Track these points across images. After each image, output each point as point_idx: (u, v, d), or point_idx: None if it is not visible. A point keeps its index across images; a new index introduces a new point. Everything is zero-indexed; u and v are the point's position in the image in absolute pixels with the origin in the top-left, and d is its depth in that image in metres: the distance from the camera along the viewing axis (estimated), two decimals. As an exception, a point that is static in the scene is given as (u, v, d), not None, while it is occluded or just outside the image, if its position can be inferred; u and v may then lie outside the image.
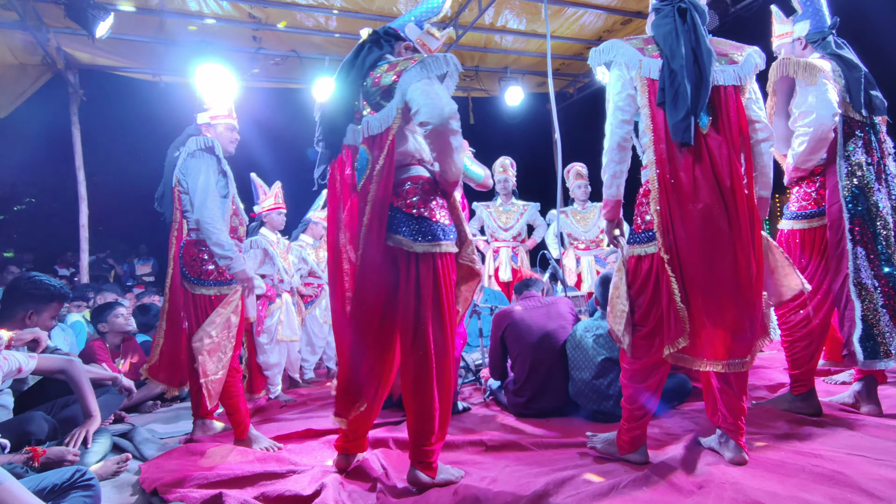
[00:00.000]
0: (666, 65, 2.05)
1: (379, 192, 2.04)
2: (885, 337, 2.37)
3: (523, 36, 7.02)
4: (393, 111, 2.04)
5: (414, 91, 1.98)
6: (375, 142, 2.08)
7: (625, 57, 2.13)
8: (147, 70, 6.53)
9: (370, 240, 2.04)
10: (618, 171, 2.12)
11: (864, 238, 2.43)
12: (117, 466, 2.45)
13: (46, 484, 1.64)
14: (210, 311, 2.80)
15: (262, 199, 4.25)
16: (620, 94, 2.11)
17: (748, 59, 2.15)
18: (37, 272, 2.59)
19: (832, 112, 2.40)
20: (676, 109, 2.00)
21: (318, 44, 6.59)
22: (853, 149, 2.48)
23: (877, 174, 2.49)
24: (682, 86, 2.00)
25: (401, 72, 2.04)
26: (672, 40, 2.06)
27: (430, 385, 2.04)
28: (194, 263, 2.83)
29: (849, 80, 2.50)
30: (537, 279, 3.51)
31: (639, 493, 1.85)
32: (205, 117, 3.01)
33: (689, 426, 2.54)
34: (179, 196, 2.87)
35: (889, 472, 1.85)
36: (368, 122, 2.11)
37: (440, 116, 1.93)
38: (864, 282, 2.41)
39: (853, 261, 2.42)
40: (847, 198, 2.46)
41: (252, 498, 1.96)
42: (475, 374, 3.99)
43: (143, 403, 4.00)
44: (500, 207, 5.80)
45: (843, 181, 2.47)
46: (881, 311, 2.39)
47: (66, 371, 2.43)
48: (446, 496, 1.94)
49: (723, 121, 2.07)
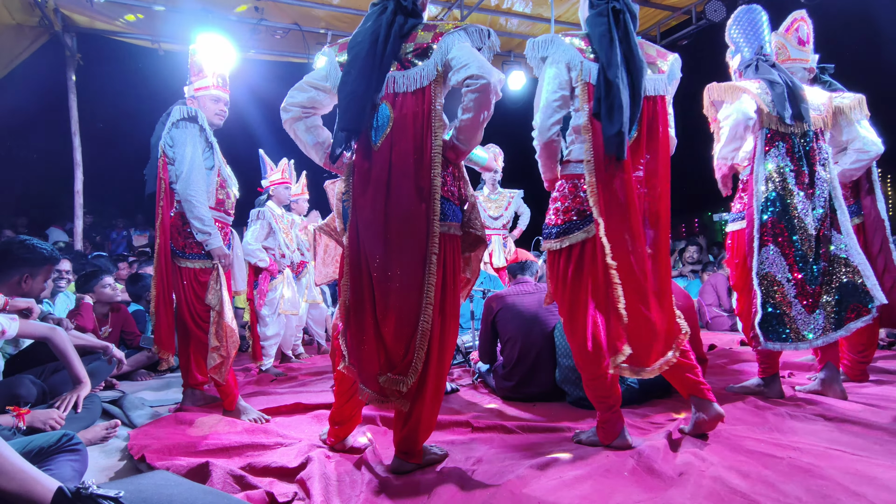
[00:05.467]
0: (601, 73, 2.06)
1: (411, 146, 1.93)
2: (795, 323, 2.66)
3: (528, 19, 6.95)
4: (433, 69, 1.94)
5: (460, 50, 1.91)
6: (405, 99, 1.97)
7: (566, 57, 2.12)
8: (146, 36, 6.44)
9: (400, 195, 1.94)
10: (549, 163, 2.22)
11: (778, 238, 2.68)
12: (106, 432, 2.48)
13: (33, 447, 1.65)
14: (195, 284, 2.82)
15: (269, 174, 4.38)
16: (555, 94, 2.11)
17: (672, 70, 2.24)
18: (28, 236, 2.57)
19: (746, 116, 2.66)
20: (612, 123, 2.01)
21: (320, 17, 6.50)
22: (773, 156, 2.72)
23: (798, 179, 2.70)
24: (617, 98, 2.01)
25: (441, 33, 1.98)
26: (606, 45, 2.06)
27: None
28: (179, 237, 2.83)
29: (773, 95, 2.72)
30: (532, 262, 3.53)
31: (619, 479, 1.88)
32: (190, 90, 2.99)
33: (673, 416, 2.58)
34: (166, 166, 2.83)
35: (865, 466, 1.88)
36: (395, 78, 1.98)
37: (491, 74, 1.86)
38: (776, 275, 2.66)
39: (757, 256, 2.69)
40: (761, 203, 2.71)
41: (238, 468, 1.98)
42: (465, 357, 4.02)
43: (135, 372, 4.03)
44: (489, 197, 5.90)
45: (760, 186, 2.72)
46: (793, 301, 2.66)
47: (50, 339, 2.44)
48: (431, 475, 1.96)
49: (651, 132, 2.13)
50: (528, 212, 5.96)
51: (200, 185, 2.74)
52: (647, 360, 2.04)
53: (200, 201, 2.74)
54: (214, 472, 1.93)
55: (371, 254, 1.97)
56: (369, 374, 1.96)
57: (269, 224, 4.19)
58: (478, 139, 2.02)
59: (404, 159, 1.94)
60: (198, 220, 2.73)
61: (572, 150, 2.19)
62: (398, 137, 1.96)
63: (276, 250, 4.25)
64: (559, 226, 2.17)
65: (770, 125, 2.72)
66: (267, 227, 4.19)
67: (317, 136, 2.13)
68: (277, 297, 4.20)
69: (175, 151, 2.77)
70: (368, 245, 1.98)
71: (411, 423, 1.97)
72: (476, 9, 6.40)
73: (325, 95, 2.12)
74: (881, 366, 3.44)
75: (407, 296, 1.92)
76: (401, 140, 1.95)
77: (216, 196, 2.91)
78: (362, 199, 2.00)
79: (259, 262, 4.10)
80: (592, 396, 2.21)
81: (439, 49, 1.95)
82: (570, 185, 2.17)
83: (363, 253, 2.00)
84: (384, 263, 1.95)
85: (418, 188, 1.93)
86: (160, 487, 1.21)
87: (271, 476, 2.00)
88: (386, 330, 1.94)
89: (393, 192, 1.94)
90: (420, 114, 1.95)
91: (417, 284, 1.92)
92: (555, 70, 2.12)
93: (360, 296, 2.00)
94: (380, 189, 1.96)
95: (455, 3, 6.36)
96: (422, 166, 1.93)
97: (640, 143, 2.13)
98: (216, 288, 2.82)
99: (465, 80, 1.88)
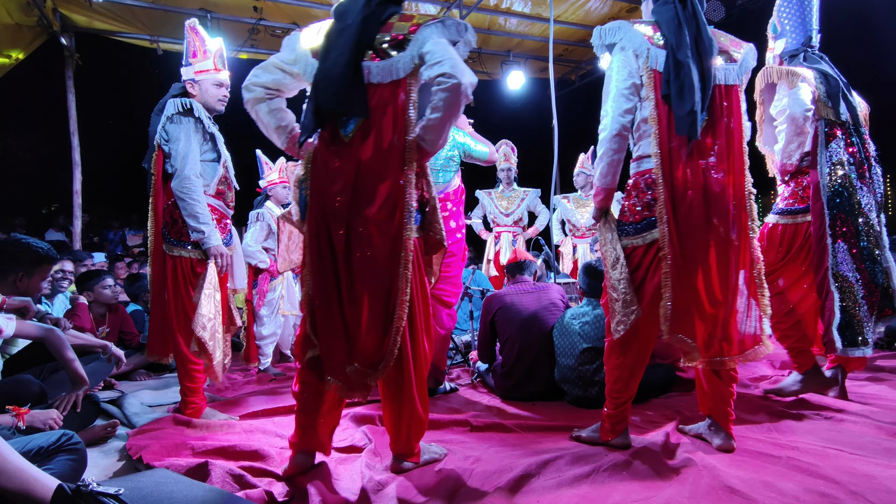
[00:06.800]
0: (671, 55, 2.01)
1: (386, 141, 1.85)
2: (862, 326, 2.50)
3: (527, 19, 6.95)
4: (409, 62, 1.86)
5: (436, 45, 1.83)
6: (381, 91, 1.88)
7: (634, 44, 2.06)
8: (145, 36, 6.43)
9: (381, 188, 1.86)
10: (615, 159, 2.09)
11: (846, 233, 2.53)
12: (105, 432, 2.48)
13: (33, 446, 1.65)
14: (192, 275, 2.69)
15: (267, 174, 4.36)
16: (625, 83, 2.05)
17: (745, 60, 2.16)
18: (23, 235, 2.56)
19: (804, 108, 2.51)
20: (682, 102, 1.96)
21: (319, 17, 6.50)
22: (835, 149, 2.59)
23: (859, 174, 2.59)
24: (688, 77, 1.96)
25: (419, 25, 1.89)
26: (675, 28, 2.02)
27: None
28: (176, 225, 2.70)
29: (828, 87, 2.62)
30: (531, 261, 3.53)
31: (619, 477, 1.88)
32: (189, 72, 2.78)
33: (672, 414, 2.58)
34: (161, 160, 2.73)
35: (863, 465, 1.89)
36: (370, 68, 1.89)
37: (463, 75, 1.77)
38: (846, 274, 2.51)
39: (833, 255, 2.54)
40: (828, 196, 2.56)
41: (237, 467, 1.98)
42: (464, 356, 4.02)
43: (134, 372, 4.03)
44: (502, 193, 5.90)
45: (825, 179, 2.57)
46: (861, 302, 2.50)
47: (46, 339, 2.44)
48: (429, 474, 1.96)
49: (721, 121, 2.06)
50: (547, 213, 5.83)
51: (194, 182, 2.62)
52: (730, 350, 2.05)
53: (195, 198, 2.62)
54: (214, 471, 1.92)
55: (338, 246, 1.89)
56: (336, 364, 1.90)
57: (268, 225, 4.18)
58: (443, 142, 1.93)
59: (375, 154, 1.86)
60: (192, 217, 2.62)
61: (641, 145, 2.12)
62: (371, 131, 1.88)
63: (276, 251, 4.25)
64: (638, 222, 2.10)
65: (828, 116, 2.60)
66: (266, 228, 4.18)
67: (280, 119, 2.04)
68: (277, 297, 4.19)
69: (171, 147, 2.66)
70: (336, 238, 1.89)
71: (403, 423, 1.97)
72: (475, 8, 6.40)
73: (291, 79, 2.04)
74: (880, 364, 3.45)
75: (376, 296, 1.87)
76: (373, 134, 1.87)
77: (216, 187, 2.79)
78: (328, 189, 1.90)
79: (259, 263, 4.09)
80: (609, 388, 2.17)
81: (416, 41, 1.87)
82: (646, 179, 2.09)
83: (326, 242, 1.91)
84: (349, 258, 1.88)
85: (389, 187, 1.86)
86: (160, 485, 1.21)
87: (270, 476, 2.00)
88: (353, 320, 1.88)
89: (361, 187, 1.87)
90: (394, 108, 1.88)
91: (389, 286, 1.87)
92: (623, 57, 2.07)
93: (325, 285, 1.91)
94: (348, 182, 1.87)
95: (454, 2, 6.36)
96: (391, 164, 1.86)
97: (711, 129, 2.06)
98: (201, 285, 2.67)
99: (436, 78, 1.80)
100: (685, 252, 2.01)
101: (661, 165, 2.02)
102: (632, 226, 2.11)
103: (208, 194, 2.75)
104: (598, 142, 2.11)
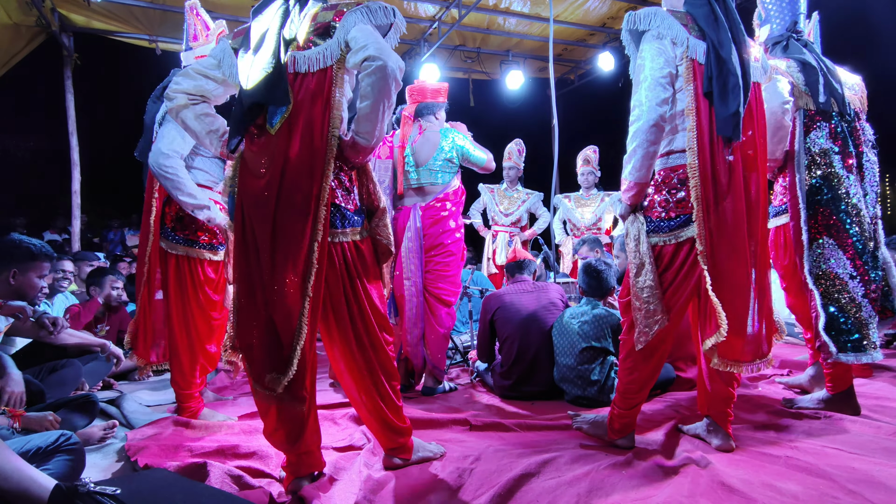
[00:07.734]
0: (712, 51, 1.94)
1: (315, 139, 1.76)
2: (869, 329, 2.33)
3: (526, 19, 6.95)
4: (336, 50, 1.78)
5: (360, 31, 1.76)
6: (306, 80, 1.80)
7: (672, 31, 1.96)
8: (144, 36, 6.42)
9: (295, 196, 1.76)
10: (651, 152, 1.97)
11: (830, 226, 2.39)
12: (103, 433, 2.47)
13: (31, 447, 1.65)
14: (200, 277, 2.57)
15: None
16: (662, 71, 1.94)
17: (763, 60, 2.14)
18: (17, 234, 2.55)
19: (781, 100, 2.41)
20: (726, 104, 1.90)
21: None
22: (814, 139, 2.46)
23: (846, 163, 2.44)
24: (731, 77, 1.91)
25: (343, 12, 1.82)
26: (713, 24, 1.96)
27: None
28: (183, 221, 2.56)
29: (806, 76, 2.52)
30: (531, 261, 3.53)
31: (618, 476, 1.88)
32: (189, 57, 2.63)
33: (671, 413, 2.58)
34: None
35: (862, 465, 1.89)
36: (295, 58, 1.81)
37: (389, 57, 1.71)
38: (835, 271, 2.36)
39: (811, 252, 2.41)
40: (806, 190, 2.44)
41: (236, 468, 1.98)
42: (463, 356, 4.03)
43: (133, 371, 4.02)
44: (504, 192, 5.86)
45: (803, 173, 2.45)
46: (862, 301, 2.34)
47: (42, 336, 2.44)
48: (428, 473, 1.97)
49: (752, 120, 2.03)
50: (548, 216, 5.75)
51: (175, 160, 2.42)
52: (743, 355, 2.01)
53: (180, 176, 2.41)
54: (212, 471, 1.92)
55: (262, 247, 1.80)
56: (259, 371, 1.83)
57: None
58: (380, 133, 1.82)
59: (302, 149, 1.78)
60: (188, 196, 2.42)
61: (674, 139, 2.04)
62: (296, 123, 1.79)
63: None
64: (672, 219, 2.03)
65: (808, 105, 2.49)
66: None
67: (209, 124, 1.93)
68: None
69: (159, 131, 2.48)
70: (261, 238, 1.81)
71: (373, 424, 2.00)
72: (474, 8, 6.40)
73: (216, 85, 1.96)
74: (880, 363, 3.45)
75: (284, 302, 1.77)
76: (298, 126, 1.78)
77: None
78: (253, 187, 1.83)
79: None
80: (623, 389, 2.13)
81: (341, 28, 1.79)
82: (679, 175, 2.02)
83: (253, 244, 1.83)
84: (271, 261, 1.79)
85: (308, 184, 1.78)
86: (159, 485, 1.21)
87: (269, 476, 2.00)
88: (268, 328, 1.80)
89: (285, 184, 1.78)
90: (320, 99, 1.79)
91: (299, 292, 1.77)
92: (659, 45, 1.97)
93: (250, 287, 1.83)
94: (274, 178, 1.78)
95: (453, 2, 6.36)
96: (315, 160, 1.78)
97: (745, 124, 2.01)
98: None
99: (362, 63, 1.73)
100: (716, 252, 1.95)
101: (697, 161, 1.95)
102: (665, 222, 2.03)
103: (217, 191, 2.64)
104: (630, 133, 1.99)
